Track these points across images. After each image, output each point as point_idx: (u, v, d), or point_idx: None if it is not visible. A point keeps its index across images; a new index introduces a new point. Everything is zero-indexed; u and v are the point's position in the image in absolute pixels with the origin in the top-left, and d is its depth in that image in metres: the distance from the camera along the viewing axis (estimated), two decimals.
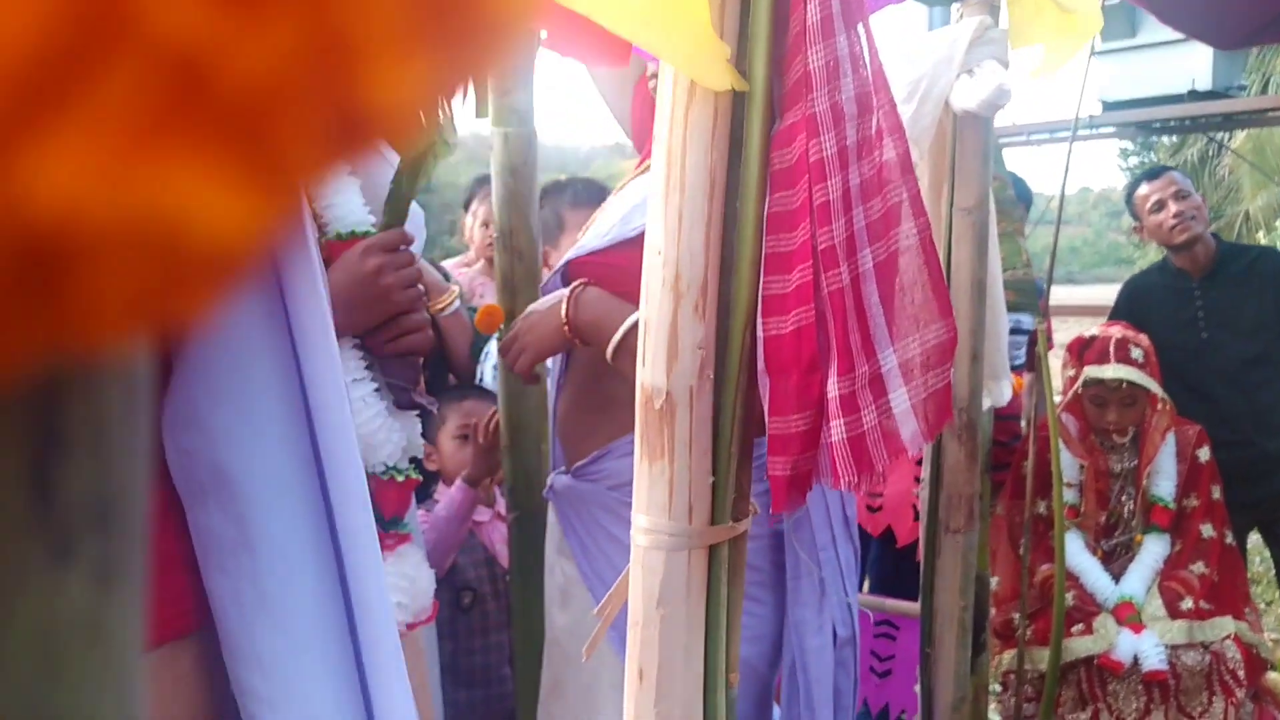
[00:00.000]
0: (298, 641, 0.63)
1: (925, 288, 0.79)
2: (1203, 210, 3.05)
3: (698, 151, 0.81)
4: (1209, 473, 2.86)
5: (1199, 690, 2.61)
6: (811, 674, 1.39)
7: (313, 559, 0.63)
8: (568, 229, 2.40)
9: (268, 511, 0.62)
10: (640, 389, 0.84)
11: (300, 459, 0.63)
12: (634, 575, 0.85)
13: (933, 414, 0.79)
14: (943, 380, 0.79)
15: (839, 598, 1.41)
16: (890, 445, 0.79)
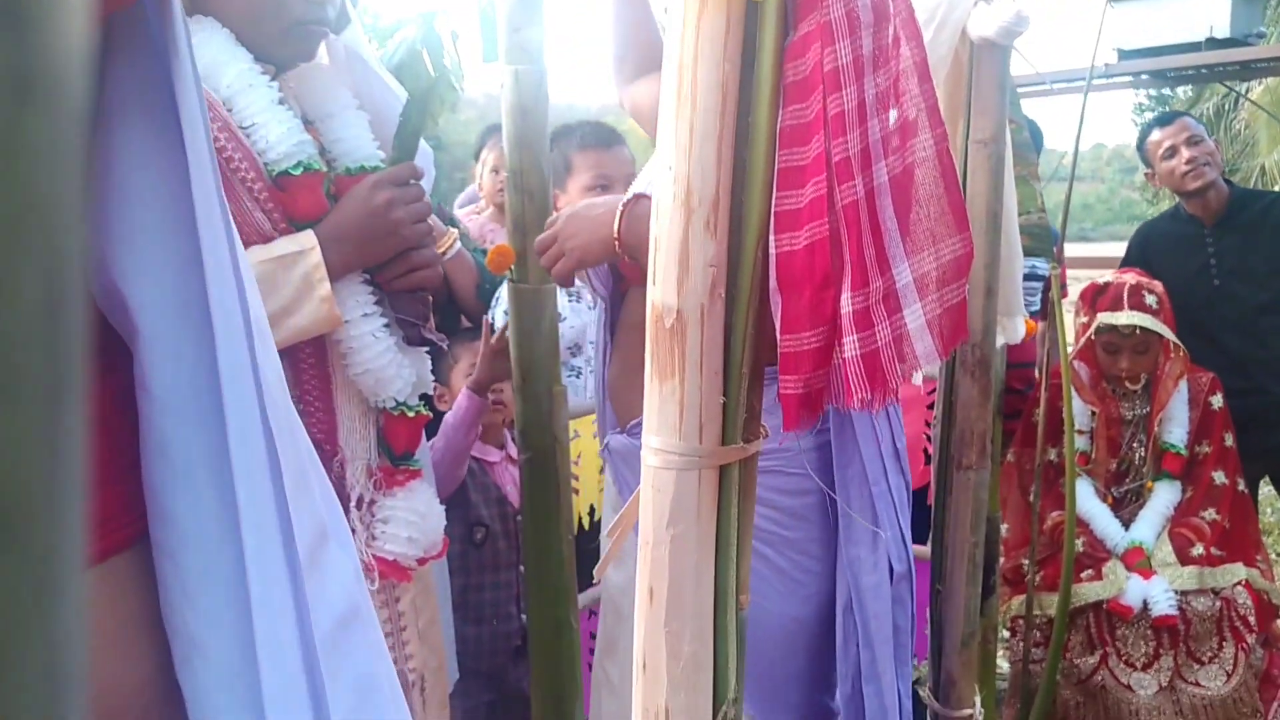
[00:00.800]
0: (193, 490, 0.62)
1: (941, 201, 0.77)
2: (1216, 155, 3.01)
3: (709, 64, 0.79)
4: (1222, 419, 2.85)
5: (1209, 635, 2.62)
6: (869, 611, 1.39)
7: (207, 404, 0.61)
8: (576, 172, 2.38)
9: (159, 349, 0.61)
10: (651, 308, 0.83)
11: (192, 297, 0.61)
12: (644, 496, 0.84)
13: (948, 330, 0.78)
14: (958, 296, 0.78)
15: (893, 532, 1.40)
16: (905, 361, 0.78)
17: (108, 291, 0.60)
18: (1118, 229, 31.42)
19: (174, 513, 0.61)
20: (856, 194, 0.76)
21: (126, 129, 0.62)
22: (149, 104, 0.62)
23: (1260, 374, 2.97)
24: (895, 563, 1.41)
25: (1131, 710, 2.57)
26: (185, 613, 0.61)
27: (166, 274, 0.61)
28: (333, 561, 0.71)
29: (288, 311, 1.33)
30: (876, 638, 1.39)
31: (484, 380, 2.18)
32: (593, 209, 1.51)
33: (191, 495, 0.61)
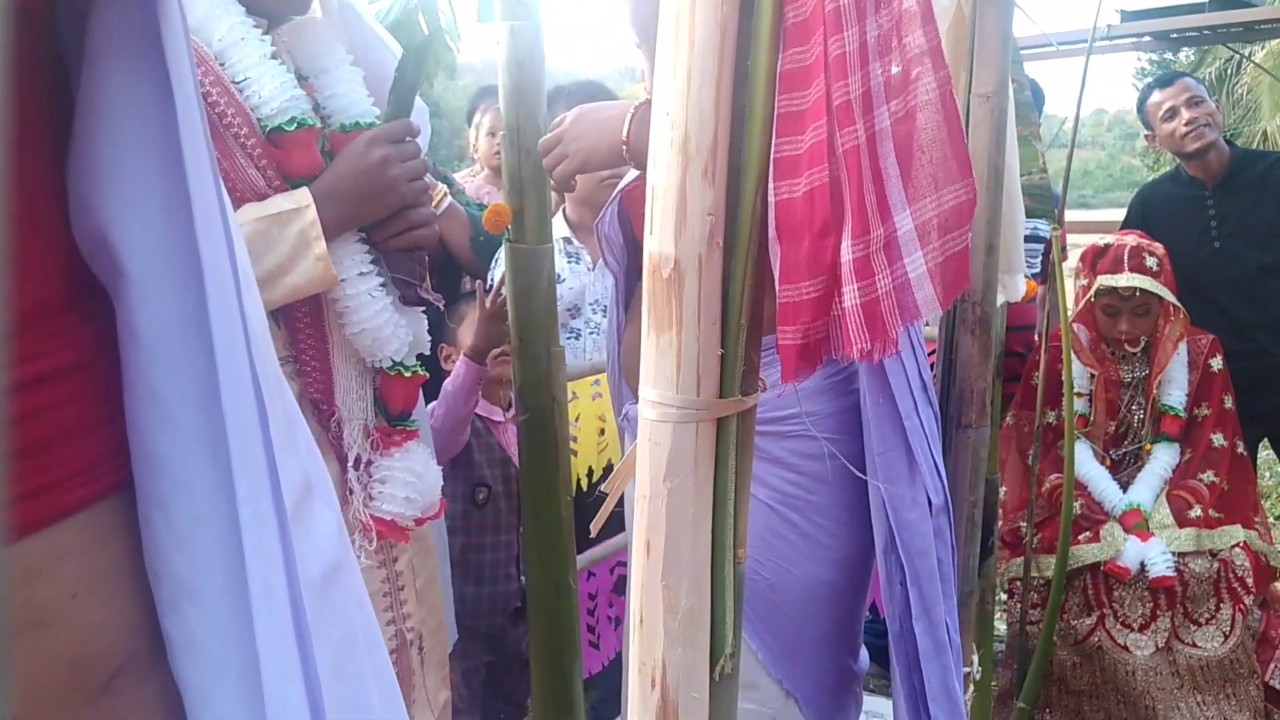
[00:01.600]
0: (183, 437, 0.61)
1: (944, 145, 0.76)
2: (1216, 116, 2.98)
3: (708, 5, 0.77)
4: (1221, 382, 2.85)
5: (1206, 597, 2.63)
6: (913, 549, 1.39)
7: (197, 350, 0.61)
8: None
9: (147, 294, 0.60)
10: (648, 257, 0.81)
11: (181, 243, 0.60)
12: (641, 449, 0.83)
13: (950, 279, 0.77)
14: (961, 244, 0.77)
15: (928, 464, 1.39)
16: (905, 311, 0.76)
17: (91, 235, 0.59)
18: (1118, 195, 31.28)
19: (164, 459, 0.60)
20: (858, 139, 0.75)
21: (112, 72, 0.60)
22: (136, 48, 0.60)
23: (1261, 336, 2.96)
24: (933, 495, 1.40)
25: (1128, 671, 2.58)
26: (175, 559, 0.60)
27: (154, 218, 0.60)
28: (317, 515, 0.71)
29: (283, 270, 1.32)
30: (923, 573, 1.39)
31: (481, 347, 2.17)
32: (602, 110, 1.47)
33: (182, 441, 0.60)
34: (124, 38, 0.60)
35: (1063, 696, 2.69)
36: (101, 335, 0.61)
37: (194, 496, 0.60)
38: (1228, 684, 2.55)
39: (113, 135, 0.60)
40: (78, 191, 0.59)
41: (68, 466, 0.59)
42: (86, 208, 0.59)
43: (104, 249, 0.59)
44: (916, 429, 1.38)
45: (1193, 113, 2.96)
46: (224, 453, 0.60)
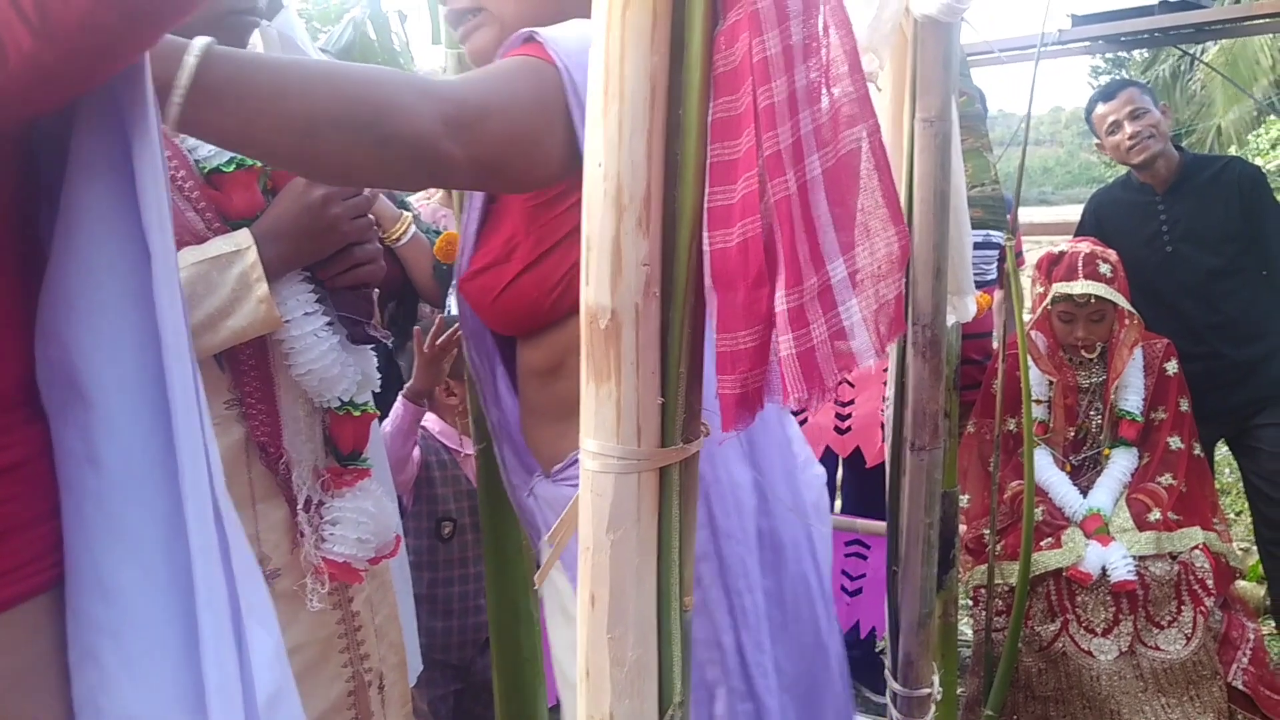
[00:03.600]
0: (145, 566, 0.60)
1: (875, 194, 0.76)
2: (1161, 125, 3.01)
3: (637, 56, 0.77)
4: (1177, 385, 2.88)
5: (1168, 599, 2.65)
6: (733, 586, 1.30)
7: (161, 479, 0.60)
8: None
9: (114, 425, 0.59)
10: (585, 308, 0.81)
11: (149, 375, 0.59)
12: (583, 500, 0.83)
13: (885, 325, 0.77)
14: (894, 290, 0.77)
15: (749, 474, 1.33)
16: (840, 359, 0.76)
17: (56, 363, 0.58)
18: (1077, 192, 31.63)
19: (122, 590, 0.59)
20: (788, 189, 0.74)
21: (88, 201, 0.59)
22: (112, 178, 0.60)
23: (1214, 338, 3.00)
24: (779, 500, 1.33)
25: (1092, 676, 2.60)
26: (127, 692, 0.59)
27: (125, 352, 0.60)
28: (256, 640, 0.70)
29: (225, 313, 1.30)
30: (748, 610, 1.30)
31: (420, 389, 2.17)
32: None
33: (145, 574, 0.59)
34: (101, 167, 0.60)
35: (1029, 703, 2.70)
36: (43, 435, 0.60)
37: (153, 629, 0.59)
38: (1191, 686, 2.58)
39: (86, 267, 0.59)
40: (46, 319, 0.59)
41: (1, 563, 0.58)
42: (54, 336, 0.59)
43: (66, 376, 0.58)
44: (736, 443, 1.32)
45: (1135, 126, 3.00)
46: (187, 587, 0.59)
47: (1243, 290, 3.01)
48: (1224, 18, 5.22)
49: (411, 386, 2.16)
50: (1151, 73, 15.19)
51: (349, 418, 1.44)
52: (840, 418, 2.58)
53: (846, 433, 2.58)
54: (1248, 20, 5.23)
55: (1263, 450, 3.01)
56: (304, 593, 1.42)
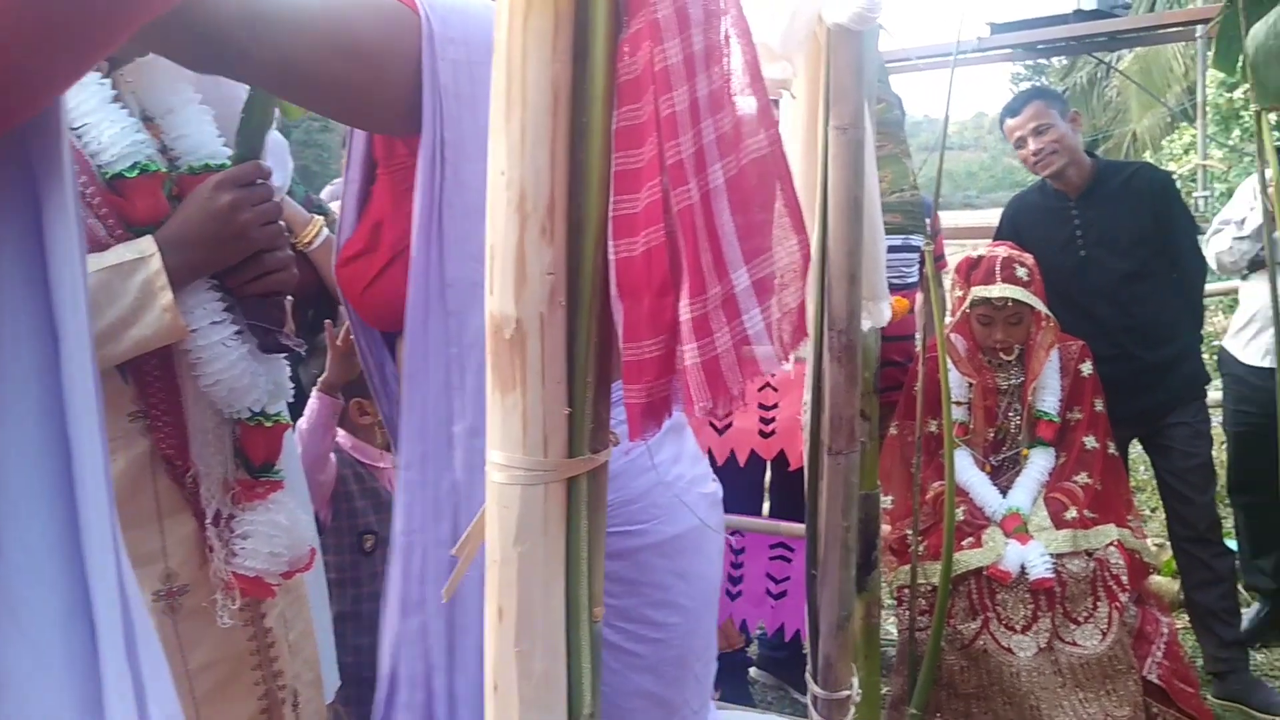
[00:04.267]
0: (44, 655, 0.57)
1: (777, 203, 0.76)
2: (1066, 139, 3.08)
3: (539, 63, 0.76)
4: (1091, 386, 2.94)
5: (1084, 596, 2.71)
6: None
7: (61, 565, 0.57)
8: None
9: (18, 514, 0.56)
10: (489, 318, 0.80)
11: (57, 467, 0.57)
12: (490, 512, 0.82)
13: (788, 333, 0.77)
14: (797, 298, 0.77)
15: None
16: (745, 367, 0.76)
17: None
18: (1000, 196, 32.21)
19: (16, 674, 0.56)
20: (691, 198, 0.74)
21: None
22: (16, 252, 0.57)
23: (1127, 340, 3.07)
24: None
25: (1012, 672, 2.64)
26: None
27: (29, 448, 0.57)
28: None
29: (127, 323, 1.26)
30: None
31: (334, 381, 2.13)
32: None
33: (41, 662, 0.56)
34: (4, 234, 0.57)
35: (952, 700, 2.74)
36: None
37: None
38: (1107, 680, 2.64)
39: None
40: None
41: None
42: None
43: None
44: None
45: (1038, 143, 3.08)
46: (93, 675, 0.57)
47: (1154, 294, 3.08)
48: (1136, 26, 5.38)
49: (326, 379, 2.12)
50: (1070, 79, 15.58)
51: (260, 428, 1.40)
52: (764, 421, 2.59)
53: (771, 436, 2.60)
54: (1159, 29, 5.39)
55: (1174, 449, 3.09)
56: (214, 609, 1.38)
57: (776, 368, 0.77)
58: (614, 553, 1.28)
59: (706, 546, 1.39)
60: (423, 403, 1.15)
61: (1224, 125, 10.45)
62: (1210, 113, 10.30)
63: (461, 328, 1.12)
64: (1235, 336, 3.41)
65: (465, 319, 1.12)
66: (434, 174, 1.12)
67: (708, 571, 1.41)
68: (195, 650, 1.40)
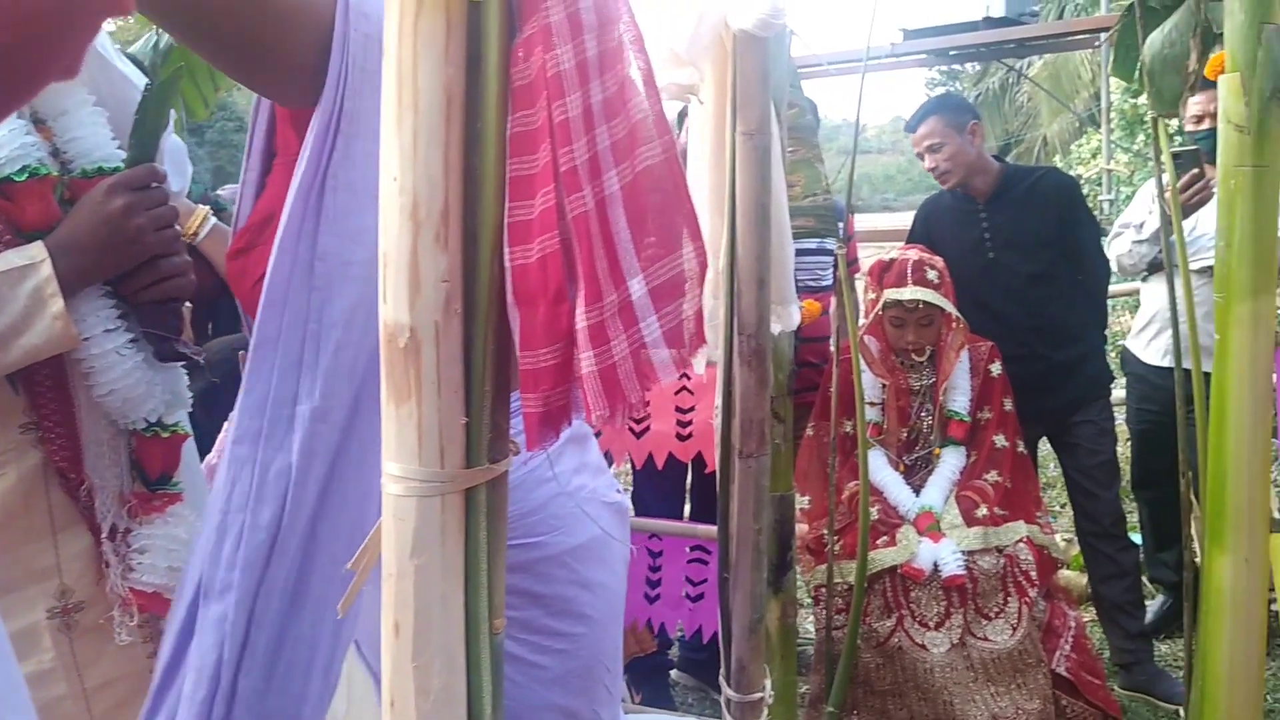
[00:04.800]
0: None
1: (673, 210, 0.76)
2: (959, 155, 3.14)
3: (430, 67, 0.75)
4: (1001, 386, 3.01)
5: (995, 592, 2.76)
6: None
7: None
8: None
9: None
10: (382, 326, 0.78)
11: None
12: (386, 525, 0.80)
13: (686, 340, 0.77)
14: (694, 305, 0.77)
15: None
16: (642, 375, 0.76)
17: None
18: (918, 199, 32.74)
19: None
20: (586, 205, 0.74)
21: None
22: None
23: (1035, 340, 3.14)
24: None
25: (926, 669, 2.69)
26: None
27: None
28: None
29: (17, 330, 1.22)
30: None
31: None
32: None
33: None
34: None
35: (869, 698, 2.78)
36: None
37: None
38: (1018, 674, 2.69)
39: None
40: None
41: None
42: None
43: None
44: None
45: (932, 161, 3.17)
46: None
47: (1060, 295, 3.16)
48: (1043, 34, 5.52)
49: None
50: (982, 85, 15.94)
51: (157, 439, 1.36)
52: (681, 424, 2.60)
53: (688, 439, 2.61)
54: (1064, 36, 5.54)
55: (1081, 446, 3.17)
56: (111, 626, 1.34)
57: (674, 375, 0.76)
58: (516, 565, 1.27)
59: (610, 556, 1.39)
60: (268, 376, 1.06)
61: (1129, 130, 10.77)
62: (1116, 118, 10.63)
63: (324, 305, 1.03)
64: (1136, 337, 3.51)
65: (330, 296, 1.03)
66: (325, 143, 1.06)
67: (612, 581, 1.41)
68: (93, 668, 1.36)
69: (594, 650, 1.35)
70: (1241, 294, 1.74)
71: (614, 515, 1.41)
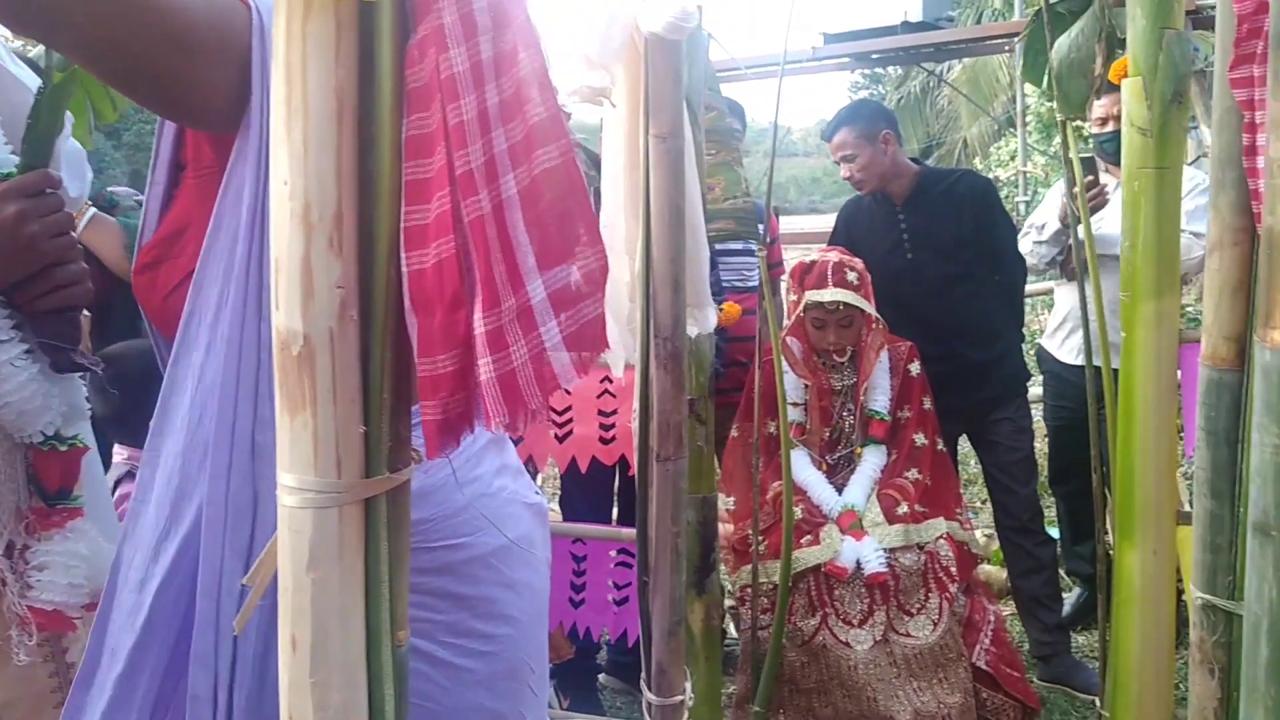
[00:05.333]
0: None
1: (571, 214, 0.75)
2: (872, 165, 3.19)
3: (321, 70, 0.73)
4: (920, 385, 3.05)
5: (916, 588, 2.80)
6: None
7: None
8: None
9: None
10: (276, 334, 0.76)
11: None
12: (281, 538, 0.78)
13: (587, 345, 0.76)
14: (595, 310, 0.76)
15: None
16: (543, 381, 0.75)
17: None
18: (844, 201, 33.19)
19: None
20: (482, 209, 0.72)
21: None
22: None
23: (953, 340, 3.19)
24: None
25: (850, 666, 2.71)
26: None
27: None
28: None
29: None
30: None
31: None
32: None
33: None
34: None
35: (794, 696, 2.80)
36: None
37: None
38: (939, 669, 2.73)
39: None
40: None
41: None
42: None
43: None
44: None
45: (845, 171, 3.22)
46: None
47: (978, 295, 3.21)
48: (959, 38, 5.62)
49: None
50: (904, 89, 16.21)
51: (55, 453, 1.32)
52: (604, 428, 2.59)
53: (611, 442, 2.60)
54: (979, 41, 5.64)
55: (999, 443, 3.23)
56: (10, 646, 1.30)
57: (574, 381, 0.76)
58: (439, 567, 1.26)
59: (533, 557, 1.38)
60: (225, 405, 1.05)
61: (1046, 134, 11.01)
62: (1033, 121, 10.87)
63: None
64: (1052, 336, 3.59)
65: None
66: (260, 171, 1.05)
67: (535, 582, 1.40)
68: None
69: (519, 651, 1.34)
70: (1146, 293, 1.78)
71: (535, 516, 1.41)
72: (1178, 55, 1.72)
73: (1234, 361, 1.46)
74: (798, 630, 2.78)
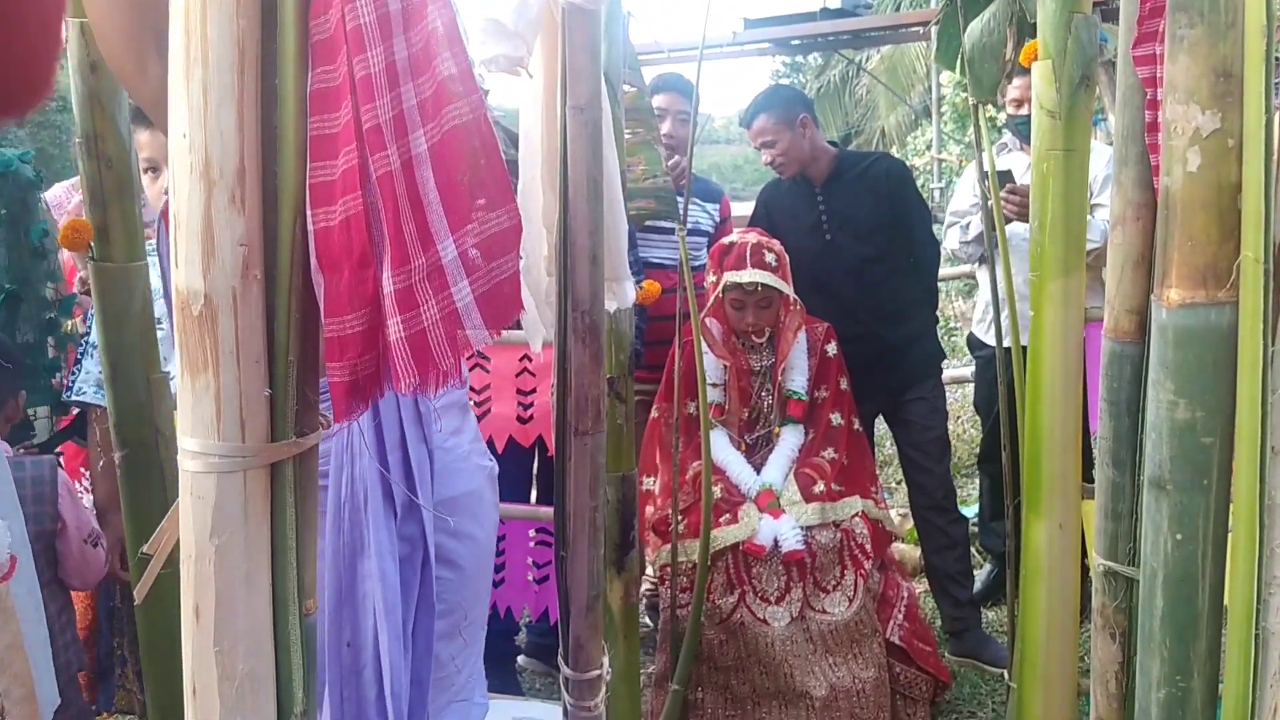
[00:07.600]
0: None
1: (482, 171, 0.73)
2: (791, 149, 3.21)
3: (221, 18, 0.71)
4: (837, 365, 3.08)
5: (832, 565, 2.84)
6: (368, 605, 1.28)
7: None
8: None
9: None
10: (176, 294, 0.74)
11: None
12: (183, 504, 0.76)
13: (500, 306, 0.75)
14: (508, 270, 0.75)
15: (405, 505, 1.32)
16: (454, 342, 0.74)
17: None
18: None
19: None
20: (391, 165, 0.71)
21: None
22: None
23: (869, 320, 3.23)
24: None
25: (768, 643, 2.74)
26: None
27: None
28: None
29: None
30: (390, 633, 1.30)
31: None
32: None
33: None
34: None
35: (713, 674, 2.81)
36: None
37: None
38: (854, 644, 2.77)
39: None
40: None
41: None
42: None
43: None
44: (399, 465, 1.33)
45: (767, 156, 3.25)
46: None
47: (893, 276, 3.26)
48: (876, 25, 5.67)
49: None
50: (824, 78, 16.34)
51: None
52: (522, 407, 2.57)
53: (529, 421, 2.58)
54: (897, 28, 5.71)
55: (913, 423, 3.28)
56: None
57: (487, 342, 0.74)
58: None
59: (481, 513, 1.44)
60: None
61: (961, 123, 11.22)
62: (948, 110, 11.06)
63: None
64: (979, 323, 3.67)
65: None
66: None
67: (481, 535, 1.47)
68: None
69: (458, 597, 1.41)
70: (1054, 272, 1.82)
71: (487, 478, 1.47)
72: (1085, 39, 1.76)
73: (1135, 335, 1.50)
74: (716, 608, 2.79)
